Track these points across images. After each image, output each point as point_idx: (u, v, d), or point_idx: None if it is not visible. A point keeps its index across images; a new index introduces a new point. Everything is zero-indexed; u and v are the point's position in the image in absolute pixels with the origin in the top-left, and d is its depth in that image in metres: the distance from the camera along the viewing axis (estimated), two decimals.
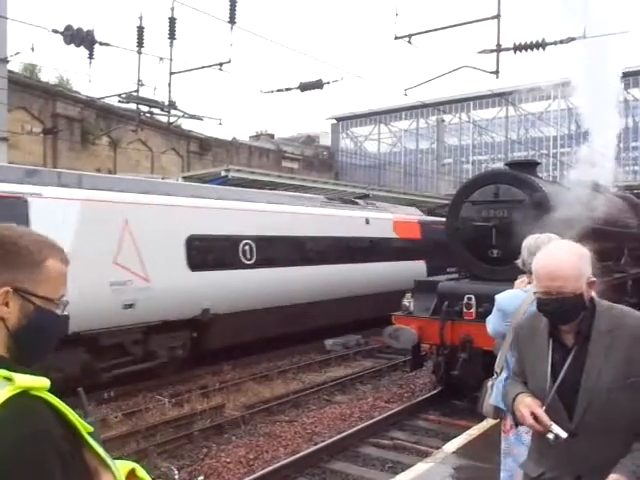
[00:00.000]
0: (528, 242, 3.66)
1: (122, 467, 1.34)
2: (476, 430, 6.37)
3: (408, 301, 9.30)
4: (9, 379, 1.19)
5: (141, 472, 1.40)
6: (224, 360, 11.43)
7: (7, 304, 1.28)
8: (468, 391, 8.61)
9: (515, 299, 3.65)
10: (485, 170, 23.77)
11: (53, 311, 1.35)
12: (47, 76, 26.52)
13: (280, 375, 11.26)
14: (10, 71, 15.35)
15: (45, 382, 1.22)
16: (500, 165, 25.95)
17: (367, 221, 15.46)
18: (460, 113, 37.67)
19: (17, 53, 13.34)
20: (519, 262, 3.75)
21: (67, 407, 1.24)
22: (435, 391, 9.47)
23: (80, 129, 23.34)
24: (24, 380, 1.19)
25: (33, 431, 1.16)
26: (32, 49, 13.16)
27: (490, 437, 5.65)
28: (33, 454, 1.14)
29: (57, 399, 1.23)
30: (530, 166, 9.64)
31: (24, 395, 1.18)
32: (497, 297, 3.89)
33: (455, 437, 6.47)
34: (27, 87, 21.76)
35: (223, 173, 15.11)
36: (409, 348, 9.42)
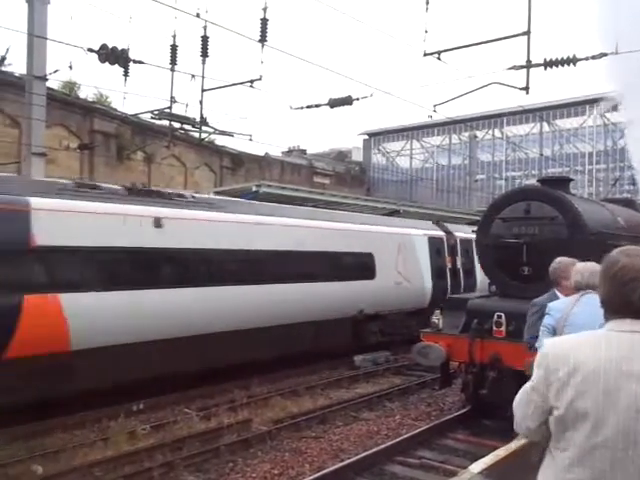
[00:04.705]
0: (576, 268, 4.33)
1: None
2: (503, 450, 6.23)
3: (437, 318, 9.22)
4: None
5: None
6: (252, 374, 11.44)
7: None
8: (498, 410, 8.45)
9: (564, 301, 4.40)
10: (517, 186, 23.51)
11: None
12: (85, 93, 27.15)
13: (308, 391, 11.22)
14: (49, 88, 15.76)
15: None
16: (533, 181, 25.65)
17: None
18: (493, 129, 37.38)
19: (56, 71, 13.65)
20: (570, 282, 4.41)
21: None
22: (464, 410, 9.33)
23: (116, 144, 23.85)
24: None
25: None
26: (70, 67, 13.49)
27: (518, 458, 5.53)
28: None
29: None
30: (562, 183, 9.51)
31: None
32: (549, 304, 4.50)
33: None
34: (66, 104, 22.32)
35: (254, 188, 15.21)
36: (438, 366, 9.32)
